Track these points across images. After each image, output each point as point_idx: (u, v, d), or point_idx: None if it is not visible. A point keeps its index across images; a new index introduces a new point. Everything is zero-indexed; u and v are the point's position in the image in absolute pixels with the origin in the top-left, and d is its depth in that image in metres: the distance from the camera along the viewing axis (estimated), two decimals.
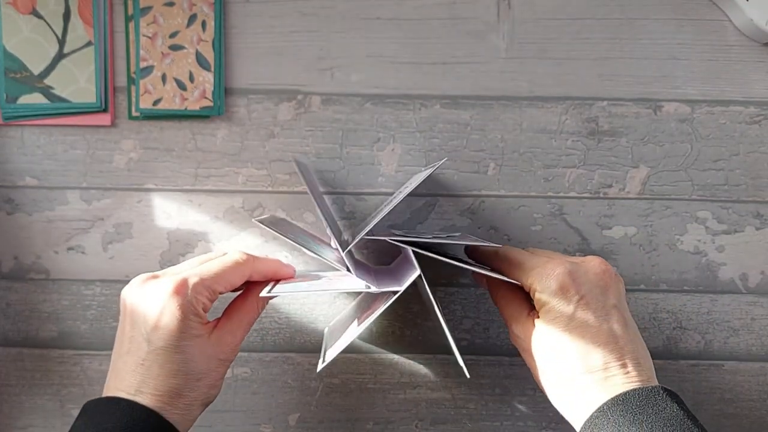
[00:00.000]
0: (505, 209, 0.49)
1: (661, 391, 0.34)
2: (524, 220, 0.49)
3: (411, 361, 0.50)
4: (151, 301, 0.36)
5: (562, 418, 0.41)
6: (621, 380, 0.35)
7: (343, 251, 0.39)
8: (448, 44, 0.48)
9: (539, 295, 0.38)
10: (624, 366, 0.35)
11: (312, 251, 0.40)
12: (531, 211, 0.49)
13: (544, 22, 0.48)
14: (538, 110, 0.48)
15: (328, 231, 0.39)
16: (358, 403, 0.50)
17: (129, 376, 0.36)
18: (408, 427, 0.50)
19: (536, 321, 0.38)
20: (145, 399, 0.35)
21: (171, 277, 0.37)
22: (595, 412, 0.34)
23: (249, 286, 0.42)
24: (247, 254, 0.40)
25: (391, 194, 0.49)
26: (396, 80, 0.48)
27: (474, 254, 0.46)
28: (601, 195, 0.49)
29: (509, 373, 0.50)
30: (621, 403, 0.34)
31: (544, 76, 0.48)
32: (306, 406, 0.50)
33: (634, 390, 0.34)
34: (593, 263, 0.38)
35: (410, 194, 0.49)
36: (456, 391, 0.50)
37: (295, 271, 0.43)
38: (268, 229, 0.39)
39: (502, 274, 0.41)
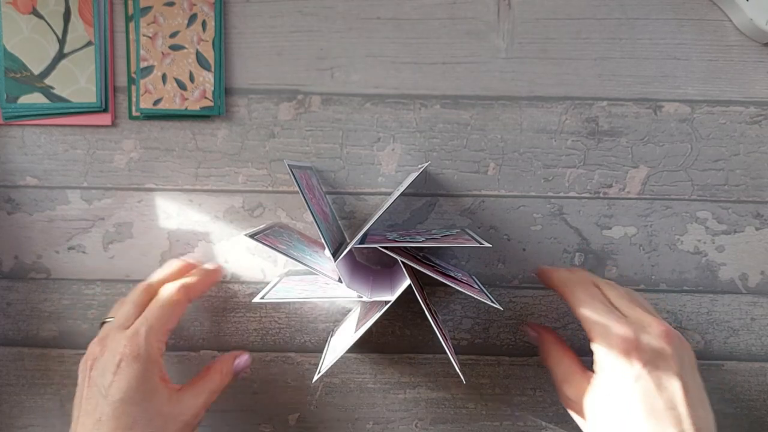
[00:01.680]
0: (505, 209, 0.49)
1: None
2: (524, 220, 0.49)
3: (411, 361, 0.50)
4: (107, 359, 0.38)
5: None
6: None
7: (335, 261, 0.39)
8: (448, 44, 0.48)
9: (600, 355, 0.38)
10: None
11: (304, 264, 0.40)
12: (531, 210, 0.49)
13: (544, 22, 0.48)
14: (538, 110, 0.48)
15: (322, 240, 0.39)
16: (358, 402, 0.50)
17: None
18: (408, 426, 0.50)
19: (594, 381, 0.38)
20: None
21: (121, 332, 0.39)
22: None
23: (214, 361, 0.45)
24: (178, 285, 0.42)
25: (390, 194, 0.49)
26: (396, 80, 0.48)
27: (542, 276, 0.45)
28: (601, 195, 0.49)
29: (509, 373, 0.50)
30: None
31: (544, 76, 0.48)
32: (306, 405, 0.50)
33: None
34: (659, 329, 0.38)
35: (410, 194, 0.49)
36: (456, 390, 0.50)
37: (221, 271, 0.48)
38: (259, 243, 0.39)
39: (565, 298, 0.41)
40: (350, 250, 0.41)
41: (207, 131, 0.48)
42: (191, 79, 0.47)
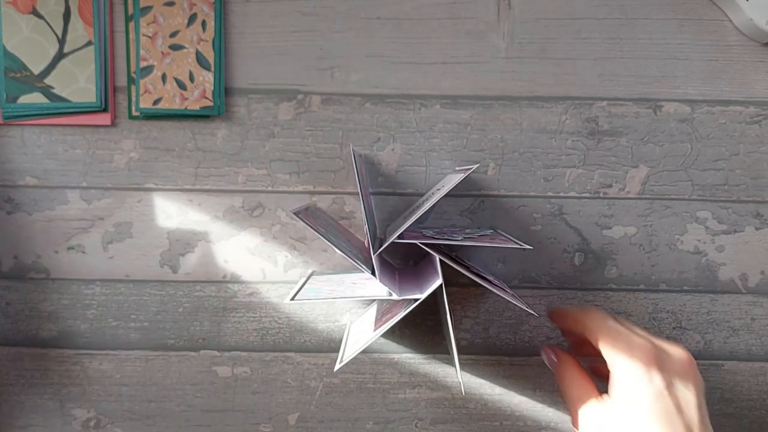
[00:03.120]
0: (505, 209, 0.49)
1: None
2: (524, 220, 0.49)
3: (411, 361, 0.50)
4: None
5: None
6: None
7: (374, 253, 0.39)
8: (448, 44, 0.48)
9: (620, 372, 0.37)
10: None
11: (340, 251, 0.39)
12: (531, 210, 0.49)
13: (544, 22, 0.48)
14: (538, 110, 0.48)
15: (366, 228, 0.39)
16: (358, 402, 0.50)
17: None
18: (408, 426, 0.50)
19: (612, 399, 0.37)
20: None
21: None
22: None
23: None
24: None
25: (391, 194, 0.49)
26: (396, 80, 0.48)
27: (553, 315, 0.45)
28: (601, 195, 0.49)
29: (509, 373, 0.50)
30: None
31: (544, 76, 0.48)
32: (306, 405, 0.50)
33: None
34: (681, 353, 0.37)
35: (410, 194, 0.49)
36: (456, 390, 0.50)
37: None
38: (304, 223, 0.39)
39: (575, 336, 0.40)
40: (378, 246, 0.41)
41: (207, 131, 0.48)
42: (191, 78, 0.47)
